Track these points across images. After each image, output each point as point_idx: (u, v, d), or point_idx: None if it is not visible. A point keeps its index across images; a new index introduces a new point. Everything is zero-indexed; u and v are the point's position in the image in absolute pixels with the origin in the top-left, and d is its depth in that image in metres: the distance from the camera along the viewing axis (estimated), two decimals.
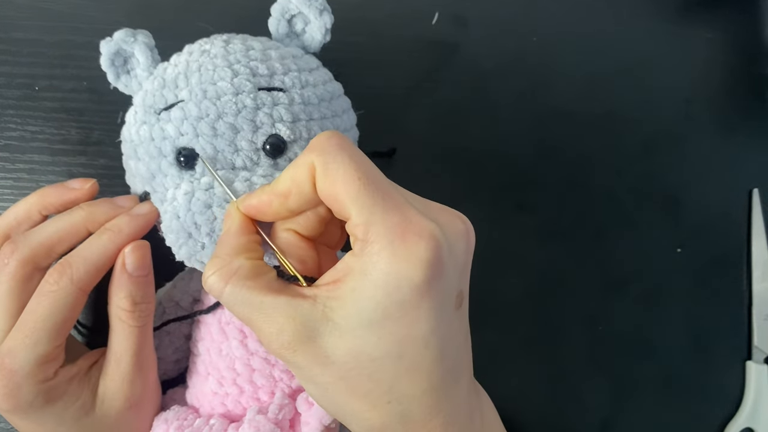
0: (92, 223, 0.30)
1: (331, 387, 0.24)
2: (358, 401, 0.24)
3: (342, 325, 0.23)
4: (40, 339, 0.28)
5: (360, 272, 0.23)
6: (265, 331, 0.24)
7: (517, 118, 0.43)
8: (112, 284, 0.30)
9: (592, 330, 0.43)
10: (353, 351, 0.23)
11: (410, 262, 0.22)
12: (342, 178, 0.23)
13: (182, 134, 0.29)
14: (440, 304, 0.23)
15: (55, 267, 0.29)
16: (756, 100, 0.46)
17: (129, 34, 0.31)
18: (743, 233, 0.45)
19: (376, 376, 0.23)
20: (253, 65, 0.29)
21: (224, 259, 0.25)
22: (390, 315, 0.22)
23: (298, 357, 0.24)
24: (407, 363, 0.23)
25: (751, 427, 0.44)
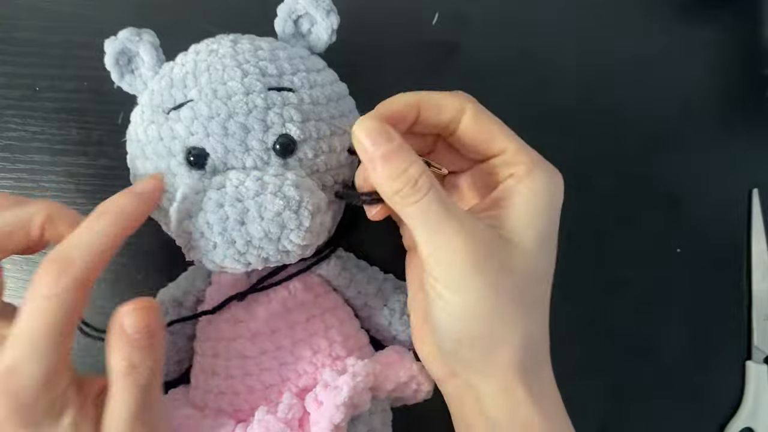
0: None
1: (507, 301, 0.27)
2: (525, 316, 0.27)
3: (514, 242, 0.27)
4: (46, 350, 0.24)
5: (529, 191, 0.27)
6: (462, 236, 0.26)
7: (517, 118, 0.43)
8: (108, 339, 0.25)
9: (592, 330, 0.43)
10: (528, 267, 0.27)
11: (560, 185, 0.29)
12: (494, 119, 0.29)
13: (192, 134, 0.29)
14: None
15: (51, 264, 0.25)
16: (756, 100, 0.46)
17: (134, 33, 0.31)
18: (743, 233, 0.45)
19: (539, 292, 0.28)
20: (262, 65, 0.30)
21: (421, 162, 0.26)
22: (553, 231, 0.28)
23: (488, 263, 0.26)
24: (549, 275, 0.29)
25: (751, 427, 0.44)
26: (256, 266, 0.29)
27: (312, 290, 0.34)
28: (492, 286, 0.26)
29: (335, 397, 0.29)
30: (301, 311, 0.32)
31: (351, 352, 0.33)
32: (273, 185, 0.28)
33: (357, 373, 0.30)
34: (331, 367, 0.31)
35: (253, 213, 0.27)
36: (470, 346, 0.28)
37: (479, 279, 0.26)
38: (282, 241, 0.28)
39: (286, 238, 0.28)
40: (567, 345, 0.43)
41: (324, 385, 0.30)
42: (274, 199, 0.27)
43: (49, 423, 0.25)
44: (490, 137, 0.29)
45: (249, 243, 0.28)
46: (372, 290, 0.35)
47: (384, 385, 0.32)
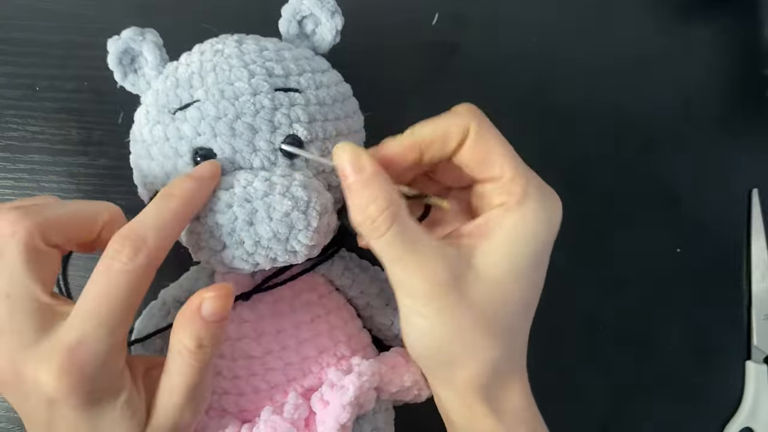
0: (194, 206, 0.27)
1: (466, 327, 0.27)
2: (485, 341, 0.27)
3: (486, 271, 0.26)
4: (115, 326, 0.24)
5: (514, 224, 0.27)
6: (418, 270, 0.26)
7: (517, 118, 0.43)
8: (179, 318, 0.26)
9: (592, 330, 0.43)
10: (493, 296, 0.26)
11: (556, 213, 0.28)
12: (496, 141, 0.28)
13: (199, 134, 0.29)
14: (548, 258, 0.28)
15: (125, 241, 0.25)
16: (756, 100, 0.46)
17: (137, 32, 0.31)
18: (743, 233, 0.45)
19: (506, 321, 0.27)
20: (269, 66, 0.30)
21: (387, 198, 0.26)
22: (533, 263, 0.27)
23: (445, 295, 0.26)
24: (529, 308, 0.28)
25: (751, 426, 0.44)
26: (264, 267, 0.29)
27: (316, 290, 0.34)
28: (452, 316, 0.27)
29: (341, 397, 0.29)
30: (306, 311, 0.32)
31: (355, 351, 0.33)
32: (281, 186, 0.28)
33: (363, 372, 0.30)
34: (336, 366, 0.31)
35: (261, 213, 0.27)
36: (433, 363, 0.29)
37: (439, 309, 0.27)
38: (290, 242, 0.28)
39: (294, 238, 0.28)
40: (567, 345, 0.43)
41: (330, 385, 0.30)
42: (283, 200, 0.27)
43: (108, 400, 0.25)
44: (488, 161, 0.28)
45: (258, 243, 0.28)
46: (374, 290, 0.35)
47: (388, 388, 0.32)
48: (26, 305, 0.25)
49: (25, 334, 0.25)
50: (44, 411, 0.25)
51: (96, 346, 0.24)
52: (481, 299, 0.26)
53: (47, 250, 0.26)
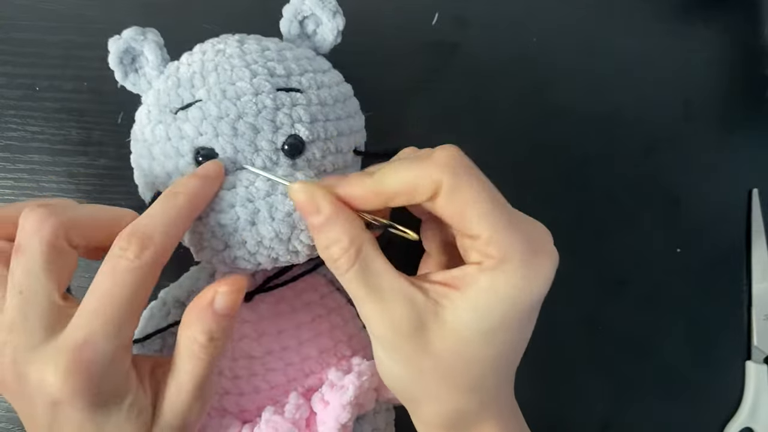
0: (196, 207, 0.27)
1: (426, 372, 0.26)
2: (446, 388, 0.26)
3: (452, 325, 0.25)
4: (122, 325, 0.24)
5: (487, 286, 0.25)
6: (379, 314, 0.25)
7: (517, 118, 0.43)
8: (189, 312, 0.26)
9: (592, 330, 0.43)
10: (456, 350, 0.25)
11: (537, 279, 0.25)
12: (474, 198, 0.25)
13: (201, 134, 0.29)
14: (537, 312, 0.26)
15: (131, 239, 0.24)
16: (756, 100, 0.46)
17: (138, 32, 0.31)
18: (743, 233, 0.45)
19: (471, 372, 0.25)
20: (270, 65, 0.30)
21: (349, 238, 0.25)
22: (506, 325, 0.25)
23: (405, 343, 0.25)
24: (502, 362, 0.26)
25: (751, 426, 0.44)
26: (266, 266, 0.29)
27: (317, 290, 0.34)
28: (413, 364, 0.26)
29: (341, 397, 0.29)
30: (307, 311, 0.32)
31: (356, 351, 0.33)
32: (283, 186, 0.28)
33: (362, 372, 0.30)
34: (336, 366, 0.31)
35: (263, 213, 0.27)
36: (399, 396, 0.28)
37: (400, 356, 0.26)
38: (292, 242, 0.28)
39: (296, 238, 0.28)
40: (567, 345, 0.43)
41: (330, 385, 0.30)
42: (285, 200, 0.28)
43: (114, 402, 0.25)
44: (464, 219, 0.25)
45: (260, 243, 0.28)
46: None
47: (385, 392, 0.32)
48: (39, 304, 0.24)
49: (34, 333, 0.24)
50: (48, 413, 0.24)
51: (103, 345, 0.24)
52: (446, 354, 0.25)
53: (68, 251, 0.26)
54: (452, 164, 0.25)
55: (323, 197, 0.26)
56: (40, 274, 0.25)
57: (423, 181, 0.25)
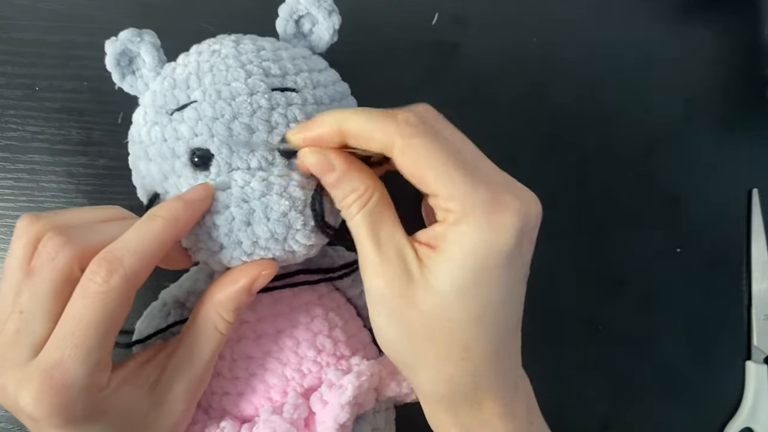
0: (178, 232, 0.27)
1: (415, 331, 0.26)
2: (436, 352, 0.26)
3: (432, 284, 0.25)
4: (93, 348, 0.25)
5: (454, 241, 0.25)
6: (376, 265, 0.26)
7: (517, 118, 0.43)
8: (220, 291, 0.28)
9: (592, 330, 0.43)
10: (438, 309, 0.25)
11: (501, 232, 0.25)
12: (427, 158, 0.25)
13: (197, 135, 0.29)
14: (515, 274, 0.26)
15: (101, 262, 0.25)
16: (756, 100, 0.46)
17: (135, 33, 0.31)
18: (743, 233, 0.45)
19: (455, 335, 0.26)
20: (265, 66, 0.30)
21: (365, 185, 0.26)
22: (477, 281, 0.25)
23: (395, 299, 0.26)
24: (484, 325, 0.26)
25: (751, 427, 0.44)
26: None
27: (316, 290, 0.34)
28: (402, 322, 0.26)
29: (340, 397, 0.29)
30: (306, 311, 0.32)
31: (355, 351, 0.33)
32: (278, 186, 0.28)
33: (362, 372, 0.30)
34: (335, 366, 0.31)
35: (259, 214, 0.27)
36: (396, 363, 0.28)
37: (391, 310, 0.26)
38: (288, 242, 0.28)
39: (292, 238, 0.28)
40: (567, 345, 0.43)
41: (329, 385, 0.30)
42: (280, 200, 0.28)
43: (90, 421, 0.25)
44: (420, 179, 0.26)
45: (255, 244, 0.28)
46: None
47: (385, 392, 0.32)
48: (34, 327, 0.25)
49: (22, 352, 0.25)
50: (31, 426, 0.26)
51: (73, 369, 0.24)
52: (431, 314, 0.26)
53: (79, 277, 0.26)
54: (410, 122, 0.25)
55: (335, 155, 0.27)
56: (45, 301, 0.25)
57: (377, 134, 0.26)
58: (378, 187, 0.27)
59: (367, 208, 0.27)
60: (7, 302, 0.26)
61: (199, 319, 0.28)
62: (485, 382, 0.27)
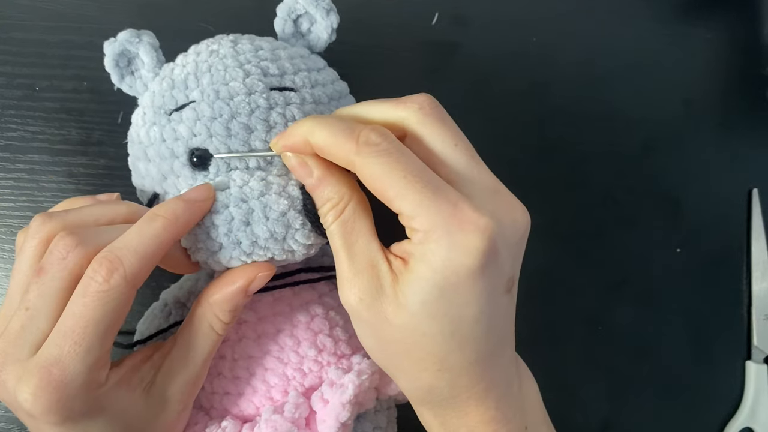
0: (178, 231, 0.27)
1: (389, 344, 0.26)
2: (411, 363, 0.26)
3: (402, 300, 0.25)
4: (92, 345, 0.25)
5: (419, 259, 0.24)
6: (350, 276, 0.26)
7: (517, 118, 0.43)
8: (217, 291, 0.28)
9: (592, 330, 0.43)
10: (409, 325, 0.25)
11: (466, 250, 0.24)
12: (385, 178, 0.24)
13: (195, 135, 0.29)
14: (491, 288, 0.25)
15: (102, 261, 0.25)
16: (756, 100, 0.46)
17: (133, 34, 0.31)
18: (743, 233, 0.45)
19: (428, 349, 0.25)
20: (263, 65, 0.29)
21: (339, 195, 0.26)
22: (445, 297, 0.24)
23: (368, 311, 0.25)
24: (458, 339, 0.25)
25: (751, 426, 0.44)
26: None
27: (316, 289, 0.34)
28: (377, 334, 0.26)
29: (341, 395, 0.29)
30: (306, 310, 0.32)
31: (356, 349, 0.33)
32: (277, 185, 0.28)
33: (362, 371, 0.30)
34: (336, 365, 0.31)
35: (258, 213, 0.27)
36: (381, 367, 0.28)
37: (365, 322, 0.26)
38: (287, 241, 0.28)
39: (291, 237, 0.28)
40: (567, 345, 0.44)
41: (330, 384, 0.30)
42: (279, 199, 0.27)
43: (87, 419, 0.26)
44: (383, 197, 0.25)
45: (255, 243, 0.28)
46: None
47: (386, 391, 0.32)
48: (38, 323, 0.25)
49: (24, 348, 0.25)
50: (28, 422, 0.26)
51: (72, 366, 0.24)
52: (402, 327, 0.25)
53: None
54: (370, 141, 0.25)
55: (314, 160, 0.27)
56: (52, 299, 0.25)
57: (338, 151, 0.25)
58: (354, 196, 0.27)
59: (341, 218, 0.26)
60: (15, 299, 0.26)
61: (195, 320, 0.28)
62: (465, 391, 0.26)
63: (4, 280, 0.39)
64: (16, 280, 0.27)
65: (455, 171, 0.26)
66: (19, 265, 0.27)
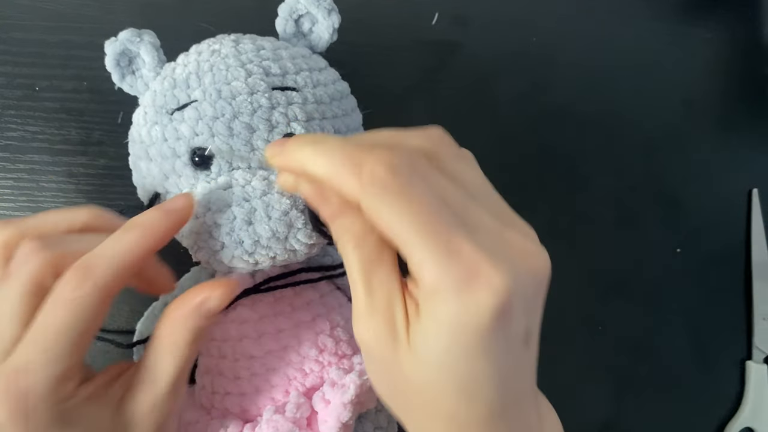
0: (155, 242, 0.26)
1: (400, 392, 0.25)
2: (422, 413, 0.24)
3: (414, 349, 0.23)
4: (60, 354, 0.24)
5: (427, 314, 0.23)
6: (365, 313, 0.24)
7: (517, 118, 0.43)
8: (174, 311, 0.27)
9: (592, 330, 0.43)
10: (420, 376, 0.23)
11: (475, 311, 0.22)
12: (391, 223, 0.22)
13: (197, 134, 0.28)
14: (505, 346, 0.23)
15: (74, 269, 0.25)
16: (756, 100, 0.46)
17: (134, 34, 0.31)
18: (743, 233, 0.45)
19: (440, 402, 0.24)
20: (265, 65, 0.29)
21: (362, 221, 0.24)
22: (454, 355, 0.22)
23: (381, 352, 0.24)
24: (469, 396, 0.23)
25: (751, 426, 0.44)
26: (264, 266, 0.29)
27: (317, 289, 0.34)
28: (386, 375, 0.25)
29: (342, 396, 0.29)
30: (307, 310, 0.32)
31: (357, 350, 0.33)
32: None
33: (364, 371, 0.30)
34: (337, 365, 0.31)
35: (260, 212, 0.27)
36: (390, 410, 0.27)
37: (375, 361, 0.25)
38: (290, 240, 0.28)
39: (293, 237, 0.28)
40: (567, 345, 0.44)
41: (331, 384, 0.30)
42: (281, 198, 0.27)
43: (59, 429, 0.25)
44: (391, 240, 0.23)
45: (257, 243, 0.28)
46: None
47: None
48: (3, 330, 0.25)
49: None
50: None
51: (40, 374, 0.24)
52: (412, 376, 0.23)
53: (51, 285, 0.26)
54: (376, 179, 0.22)
55: (324, 191, 0.25)
56: (16, 304, 0.25)
57: (340, 186, 0.23)
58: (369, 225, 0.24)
59: (364, 248, 0.24)
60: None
61: (158, 337, 0.27)
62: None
63: None
64: None
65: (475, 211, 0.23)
66: None
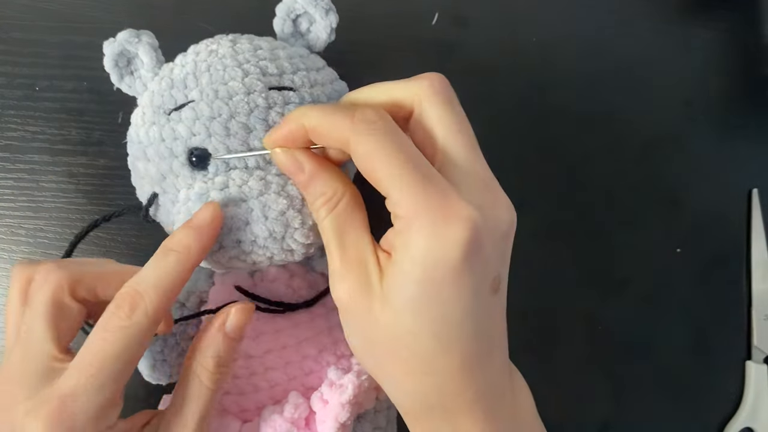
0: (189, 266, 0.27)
1: (376, 344, 0.25)
2: (398, 366, 0.25)
3: (388, 296, 0.24)
4: (107, 381, 0.25)
5: (401, 249, 0.24)
6: (340, 272, 0.25)
7: (517, 118, 0.43)
8: (199, 339, 0.27)
9: (592, 330, 0.43)
10: (395, 323, 0.24)
11: (448, 242, 0.23)
12: (379, 160, 0.24)
13: (194, 134, 0.29)
14: (476, 286, 0.24)
15: (124, 297, 0.25)
16: (756, 100, 0.46)
17: (133, 34, 0.31)
18: (743, 233, 0.45)
19: (413, 349, 0.24)
20: (262, 65, 0.29)
21: (332, 190, 0.26)
22: (427, 294, 0.23)
23: (356, 308, 0.25)
24: (443, 341, 0.24)
25: (751, 426, 0.44)
26: (262, 266, 0.29)
27: (315, 289, 0.34)
28: (364, 334, 0.25)
29: (340, 396, 0.29)
30: (305, 310, 0.32)
31: None
32: (276, 184, 0.28)
33: (362, 371, 0.30)
34: (336, 365, 0.31)
35: (257, 212, 0.27)
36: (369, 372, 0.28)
37: (354, 320, 0.26)
38: (287, 240, 0.28)
39: (290, 237, 0.28)
40: (567, 345, 0.43)
41: (329, 384, 0.30)
42: (278, 198, 0.28)
43: None
44: (372, 178, 0.24)
45: (254, 243, 0.28)
46: None
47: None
48: (35, 356, 0.26)
49: (27, 384, 0.25)
50: None
51: (87, 399, 0.24)
52: (388, 325, 0.24)
53: (71, 306, 0.27)
54: (367, 119, 0.24)
55: (304, 156, 0.26)
56: (39, 328, 0.26)
57: (333, 130, 0.25)
58: (348, 190, 0.26)
59: (335, 212, 0.26)
60: (12, 339, 0.27)
61: (185, 376, 0.27)
62: (454, 399, 0.25)
63: (4, 281, 0.39)
64: (9, 321, 0.28)
65: (451, 158, 0.25)
66: (8, 309, 0.28)
